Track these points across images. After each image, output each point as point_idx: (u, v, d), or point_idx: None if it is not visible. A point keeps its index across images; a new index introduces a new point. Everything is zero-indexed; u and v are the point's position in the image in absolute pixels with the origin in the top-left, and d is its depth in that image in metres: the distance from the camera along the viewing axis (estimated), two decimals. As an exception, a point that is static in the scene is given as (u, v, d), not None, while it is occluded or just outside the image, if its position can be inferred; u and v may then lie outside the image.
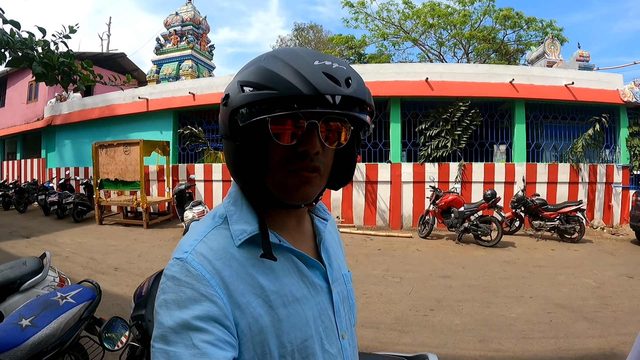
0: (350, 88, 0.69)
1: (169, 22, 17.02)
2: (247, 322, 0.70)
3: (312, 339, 0.76)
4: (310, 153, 0.72)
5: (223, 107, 0.75)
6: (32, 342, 1.90)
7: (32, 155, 16.89)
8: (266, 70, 0.69)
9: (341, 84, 0.68)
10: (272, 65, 0.70)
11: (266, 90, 0.68)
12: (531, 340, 3.80)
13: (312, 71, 0.68)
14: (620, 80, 10.53)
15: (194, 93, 11.62)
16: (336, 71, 0.69)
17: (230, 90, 0.74)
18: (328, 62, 0.70)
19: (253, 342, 0.70)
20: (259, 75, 0.69)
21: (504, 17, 19.56)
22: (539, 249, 7.87)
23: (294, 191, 0.75)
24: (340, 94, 0.68)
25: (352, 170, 0.86)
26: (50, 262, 2.93)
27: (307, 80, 0.66)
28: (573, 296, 5.07)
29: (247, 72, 0.72)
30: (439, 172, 10.23)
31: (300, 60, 0.69)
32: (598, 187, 10.39)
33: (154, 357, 0.64)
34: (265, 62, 0.71)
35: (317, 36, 31.65)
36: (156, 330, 0.66)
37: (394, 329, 4.12)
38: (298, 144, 0.72)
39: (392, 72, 10.40)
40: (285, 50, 0.74)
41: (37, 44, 2.92)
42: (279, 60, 0.70)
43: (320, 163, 0.74)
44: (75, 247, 7.94)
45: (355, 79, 0.72)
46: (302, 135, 0.71)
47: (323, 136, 0.73)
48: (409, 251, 7.75)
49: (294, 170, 0.73)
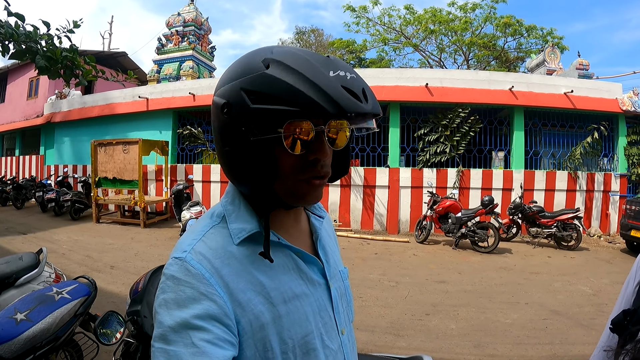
0: (369, 103, 0.69)
1: (170, 22, 17.03)
2: (248, 319, 0.70)
3: (312, 334, 0.77)
4: (321, 160, 0.72)
5: (224, 115, 0.71)
6: (26, 337, 1.90)
7: (31, 151, 16.85)
8: (279, 81, 0.65)
9: (361, 99, 0.67)
10: (284, 75, 0.65)
11: (283, 105, 0.64)
12: (526, 346, 3.81)
13: (332, 86, 0.65)
14: (620, 89, 10.56)
15: (194, 93, 11.61)
16: (353, 83, 0.68)
17: (231, 98, 0.69)
18: (342, 73, 0.67)
19: (254, 339, 0.70)
20: (270, 87, 0.65)
21: (504, 24, 19.63)
22: (535, 255, 7.87)
23: (305, 196, 0.75)
24: (362, 111, 0.67)
25: (348, 163, 0.86)
26: (46, 258, 2.92)
27: (331, 98, 0.64)
28: (569, 303, 5.08)
29: (253, 81, 0.67)
30: (437, 177, 10.24)
31: (314, 71, 0.65)
32: (596, 195, 10.40)
33: (154, 356, 0.64)
34: (273, 70, 0.66)
35: (318, 40, 31.74)
36: (156, 329, 0.66)
37: (389, 332, 4.12)
38: (308, 152, 0.70)
39: (392, 77, 10.40)
40: (292, 55, 0.68)
41: (41, 37, 2.93)
42: (289, 69, 0.65)
43: (328, 168, 0.75)
44: (72, 244, 7.92)
45: (368, 89, 0.71)
46: (311, 143, 0.70)
47: (329, 140, 0.72)
48: (406, 256, 7.75)
49: (307, 179, 0.73)
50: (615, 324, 0.88)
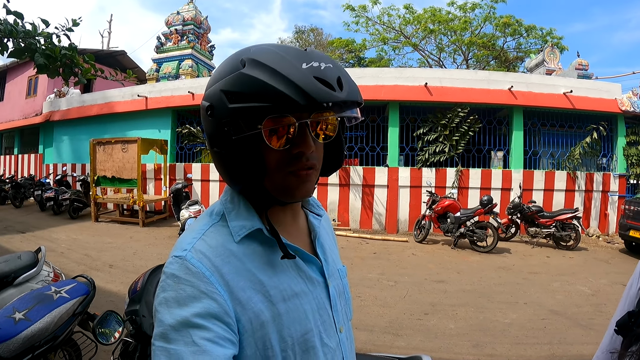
0: (343, 91, 0.69)
1: (170, 21, 17.01)
2: (248, 317, 0.70)
3: (311, 332, 0.77)
4: (305, 153, 0.72)
5: (208, 117, 0.73)
6: (24, 336, 1.89)
7: (30, 150, 16.83)
8: (252, 79, 0.66)
9: (335, 88, 0.68)
10: (258, 72, 0.67)
11: (256, 102, 0.66)
12: (525, 346, 3.81)
13: (303, 77, 0.66)
14: (619, 90, 10.57)
15: (193, 92, 11.59)
16: (326, 73, 0.68)
17: (214, 101, 0.71)
18: (316, 64, 0.68)
19: (254, 337, 0.70)
20: (245, 85, 0.67)
21: (504, 24, 19.67)
22: (534, 255, 7.88)
23: (294, 190, 0.76)
24: (336, 100, 0.67)
25: (342, 156, 0.86)
26: (45, 257, 2.91)
27: (301, 89, 0.65)
28: (567, 303, 5.08)
29: (230, 81, 0.69)
30: (436, 177, 10.23)
31: (286, 65, 0.67)
32: (594, 195, 10.41)
33: (154, 355, 0.64)
34: (249, 69, 0.68)
35: (317, 39, 31.76)
36: (157, 328, 0.66)
37: (388, 332, 4.12)
38: (292, 146, 0.71)
39: (391, 77, 10.40)
40: (265, 52, 0.70)
41: (39, 35, 2.92)
42: (263, 66, 0.67)
43: (315, 160, 0.75)
44: (70, 243, 7.91)
45: (345, 77, 0.71)
46: (295, 137, 0.71)
47: (313, 133, 0.73)
48: (405, 255, 7.75)
49: (293, 172, 0.73)
50: (620, 326, 0.87)
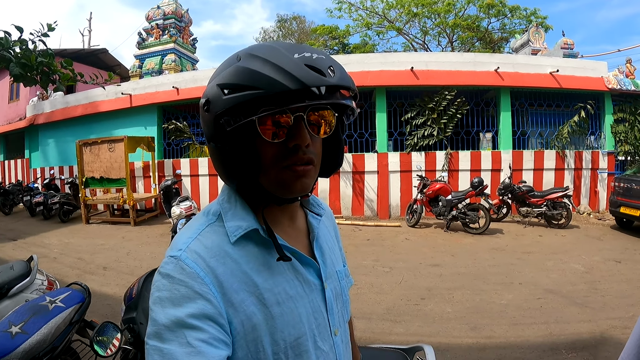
0: (335, 77, 0.69)
1: (150, 15, 16.73)
2: (240, 320, 0.70)
3: (305, 336, 0.77)
4: (301, 147, 0.72)
5: (205, 112, 0.74)
6: (23, 350, 1.87)
7: (16, 155, 16.55)
8: (246, 69, 0.68)
9: (325, 74, 0.68)
10: (252, 64, 0.68)
11: (250, 90, 0.67)
12: (522, 326, 3.86)
13: (294, 64, 0.67)
14: (605, 68, 10.66)
15: (177, 87, 11.47)
16: (317, 61, 0.69)
17: (210, 95, 0.72)
18: (307, 54, 0.69)
19: (246, 339, 0.70)
20: (239, 76, 0.68)
21: (487, 5, 19.64)
22: (526, 235, 7.97)
23: (290, 186, 0.75)
24: (326, 84, 0.68)
25: (341, 155, 0.86)
26: (37, 265, 2.88)
27: (291, 74, 0.65)
28: (562, 281, 5.15)
29: (225, 75, 0.70)
30: (426, 161, 10.27)
31: (279, 55, 0.68)
32: (584, 173, 10.54)
33: (147, 354, 0.64)
34: (243, 62, 0.70)
35: (300, 27, 31.43)
36: (150, 327, 0.66)
37: (386, 319, 4.15)
38: (288, 139, 0.71)
39: (377, 62, 10.37)
40: (261, 47, 0.72)
41: (14, 44, 2.83)
42: (257, 57, 0.69)
43: (312, 154, 0.74)
44: (63, 247, 7.84)
45: (337, 66, 0.72)
46: (291, 130, 0.71)
47: (310, 127, 0.73)
48: (398, 240, 7.80)
49: (288, 166, 0.73)
50: None
